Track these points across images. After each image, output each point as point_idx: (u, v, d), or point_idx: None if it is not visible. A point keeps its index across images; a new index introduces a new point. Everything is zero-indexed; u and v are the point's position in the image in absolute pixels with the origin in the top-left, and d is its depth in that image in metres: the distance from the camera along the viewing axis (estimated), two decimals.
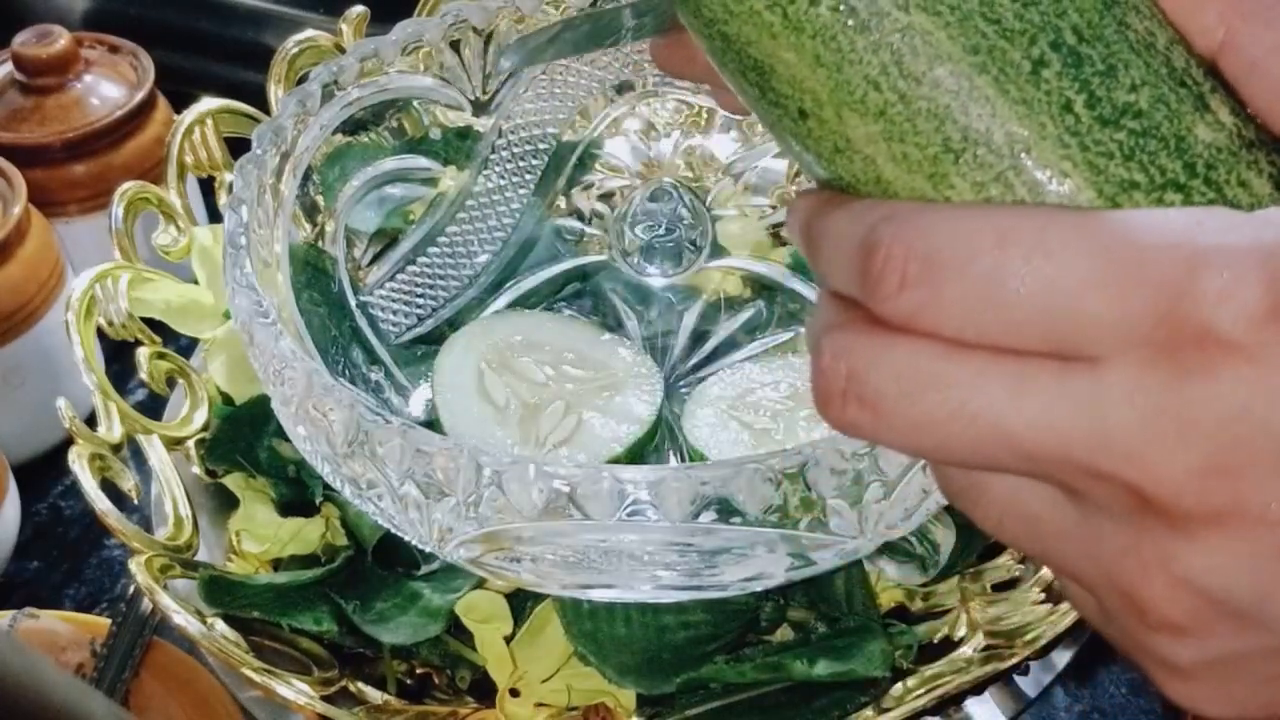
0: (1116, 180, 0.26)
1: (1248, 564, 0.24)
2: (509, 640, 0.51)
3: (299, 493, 0.56)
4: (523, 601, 0.52)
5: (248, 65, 0.80)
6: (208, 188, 0.70)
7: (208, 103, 0.63)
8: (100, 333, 0.57)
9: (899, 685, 0.49)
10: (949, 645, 0.51)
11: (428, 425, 0.54)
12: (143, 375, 0.57)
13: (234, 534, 0.55)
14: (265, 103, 0.63)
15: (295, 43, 0.63)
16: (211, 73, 0.84)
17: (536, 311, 0.64)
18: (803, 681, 0.49)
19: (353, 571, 0.53)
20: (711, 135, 0.66)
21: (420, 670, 0.52)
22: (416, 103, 0.60)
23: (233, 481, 0.57)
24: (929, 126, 0.27)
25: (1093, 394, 0.24)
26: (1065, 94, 0.26)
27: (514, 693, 0.50)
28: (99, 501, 0.50)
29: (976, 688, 0.48)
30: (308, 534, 0.55)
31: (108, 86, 0.74)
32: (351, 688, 0.50)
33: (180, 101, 0.67)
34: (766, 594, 0.51)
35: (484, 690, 0.51)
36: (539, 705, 0.50)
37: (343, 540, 0.55)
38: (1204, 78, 0.27)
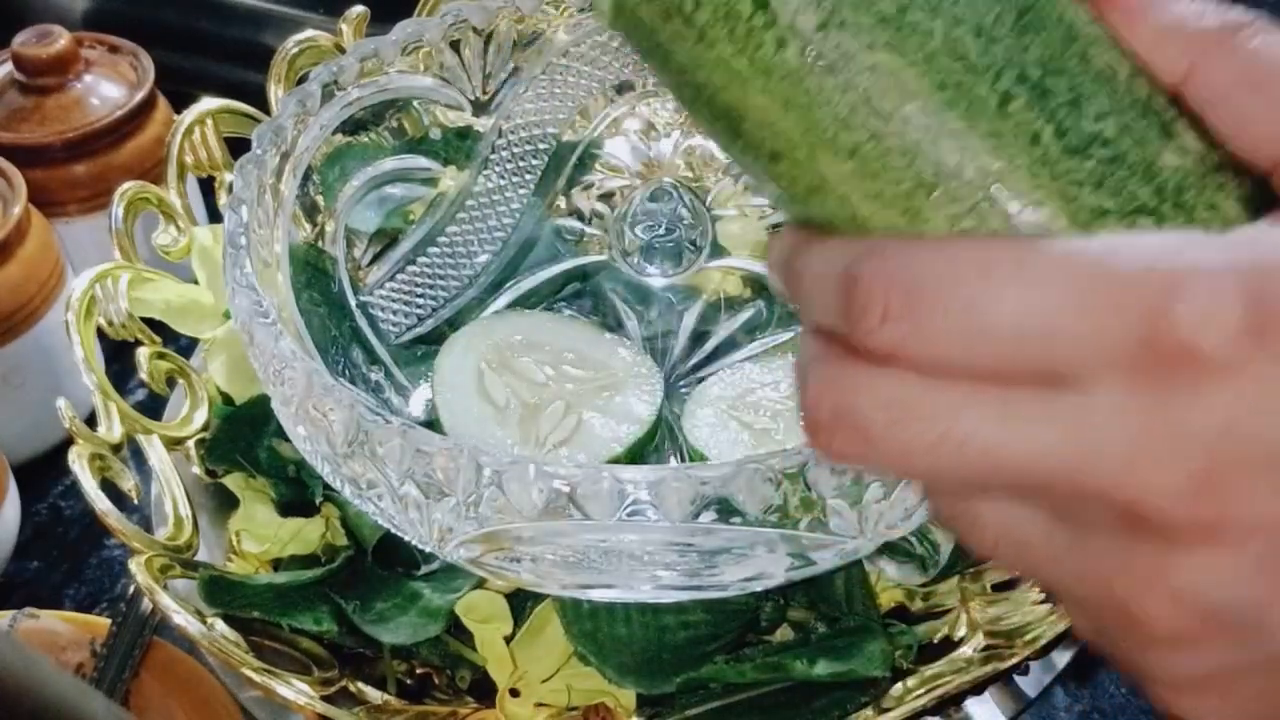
0: (1089, 208, 0.26)
1: (1242, 576, 0.24)
2: (509, 640, 0.51)
3: (299, 493, 0.56)
4: (523, 601, 0.52)
5: (248, 65, 0.80)
6: (208, 188, 0.70)
7: (208, 103, 0.63)
8: (100, 333, 0.57)
9: (899, 685, 0.49)
10: (949, 645, 0.51)
11: (428, 425, 0.54)
12: (143, 375, 0.57)
13: (234, 534, 0.55)
14: (265, 103, 0.63)
15: (295, 43, 0.63)
16: (211, 73, 0.84)
17: (536, 311, 0.64)
18: (803, 681, 0.49)
19: (353, 571, 0.53)
20: None
21: (420, 670, 0.52)
22: (416, 103, 0.60)
23: (233, 481, 0.57)
24: (901, 163, 0.27)
25: (1079, 416, 0.24)
26: (1033, 126, 0.26)
27: (514, 693, 0.50)
28: (99, 501, 0.50)
29: (976, 688, 0.48)
30: (308, 534, 0.55)
31: (108, 86, 0.74)
32: (351, 688, 0.50)
33: (180, 101, 0.67)
34: (766, 594, 0.51)
35: (484, 690, 0.51)
36: (539, 705, 0.50)
37: (343, 540, 0.55)
38: (1168, 106, 0.28)
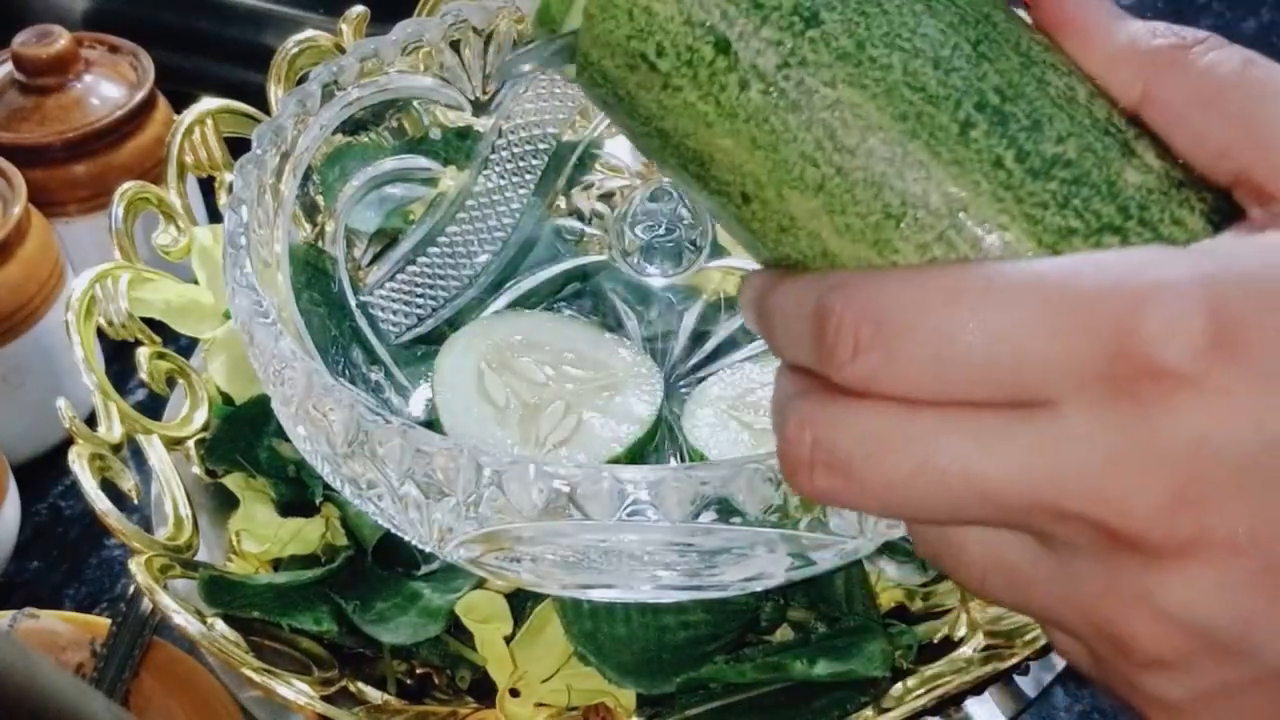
0: (1054, 228, 0.27)
1: (1225, 593, 0.24)
2: (509, 640, 0.51)
3: (299, 493, 0.56)
4: (523, 601, 0.52)
5: (248, 65, 0.80)
6: (208, 188, 0.70)
7: (208, 103, 0.63)
8: (100, 333, 0.57)
9: (899, 685, 0.49)
10: (949, 645, 0.51)
11: (428, 425, 0.54)
12: (143, 375, 0.57)
13: (234, 534, 0.55)
14: (265, 103, 0.63)
15: (295, 43, 0.63)
16: (211, 73, 0.84)
17: (536, 311, 0.63)
18: (803, 681, 0.49)
19: (353, 571, 0.53)
20: None
21: (420, 670, 0.52)
22: (416, 103, 0.60)
23: (233, 481, 0.57)
24: (868, 195, 0.27)
25: (1052, 436, 0.24)
26: (995, 151, 0.27)
27: (514, 693, 0.50)
28: (99, 501, 0.50)
29: (976, 688, 0.48)
30: (308, 534, 0.55)
31: (108, 86, 0.74)
32: (351, 688, 0.50)
33: (180, 101, 0.67)
34: (766, 594, 0.51)
35: (484, 690, 0.51)
36: (539, 705, 0.50)
37: (343, 540, 0.55)
38: (1127, 125, 0.28)
